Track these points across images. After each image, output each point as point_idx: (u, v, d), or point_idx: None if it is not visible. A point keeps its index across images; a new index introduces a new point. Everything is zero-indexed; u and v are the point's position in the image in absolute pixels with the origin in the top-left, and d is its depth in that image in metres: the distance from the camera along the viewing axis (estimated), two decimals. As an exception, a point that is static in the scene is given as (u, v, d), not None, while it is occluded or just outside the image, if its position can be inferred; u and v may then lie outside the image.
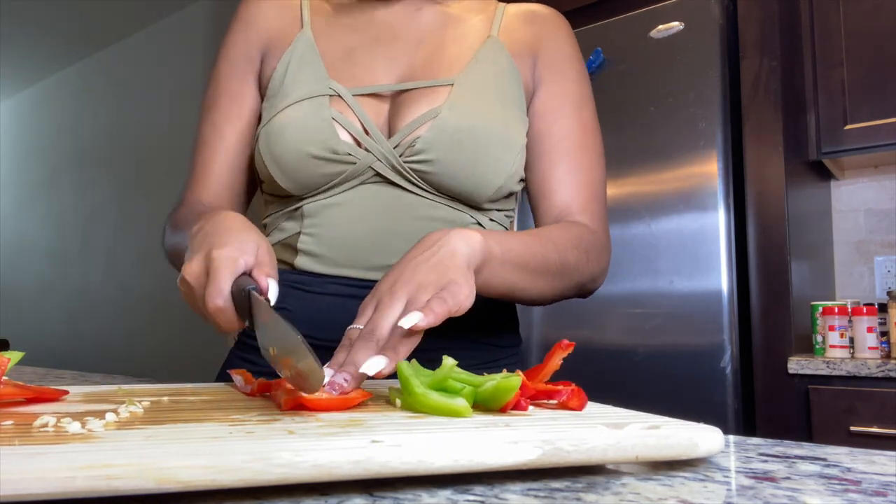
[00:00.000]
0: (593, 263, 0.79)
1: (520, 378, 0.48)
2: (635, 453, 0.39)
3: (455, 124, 0.76)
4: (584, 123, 0.85)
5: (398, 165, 0.77)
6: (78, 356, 4.75)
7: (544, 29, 0.86)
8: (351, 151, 0.76)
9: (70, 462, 0.30)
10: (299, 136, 0.76)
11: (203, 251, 0.57)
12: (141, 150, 4.48)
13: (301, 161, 0.76)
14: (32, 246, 5.53)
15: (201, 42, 4.10)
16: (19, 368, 1.21)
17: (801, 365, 1.60)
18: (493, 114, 0.78)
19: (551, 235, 0.75)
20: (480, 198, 0.78)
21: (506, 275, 0.67)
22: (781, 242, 1.68)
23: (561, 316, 1.94)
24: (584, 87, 0.86)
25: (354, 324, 0.57)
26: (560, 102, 0.84)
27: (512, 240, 0.69)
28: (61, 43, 4.89)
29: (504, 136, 0.78)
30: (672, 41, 1.83)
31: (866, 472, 0.41)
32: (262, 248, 0.58)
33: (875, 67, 1.76)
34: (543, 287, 0.73)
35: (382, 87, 0.79)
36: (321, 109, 0.77)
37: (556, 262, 0.73)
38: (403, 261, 0.60)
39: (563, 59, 0.86)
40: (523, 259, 0.69)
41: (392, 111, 0.79)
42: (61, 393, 0.53)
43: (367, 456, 0.34)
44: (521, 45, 0.85)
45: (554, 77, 0.85)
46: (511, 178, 0.79)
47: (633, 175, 1.86)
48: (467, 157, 0.76)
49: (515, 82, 0.83)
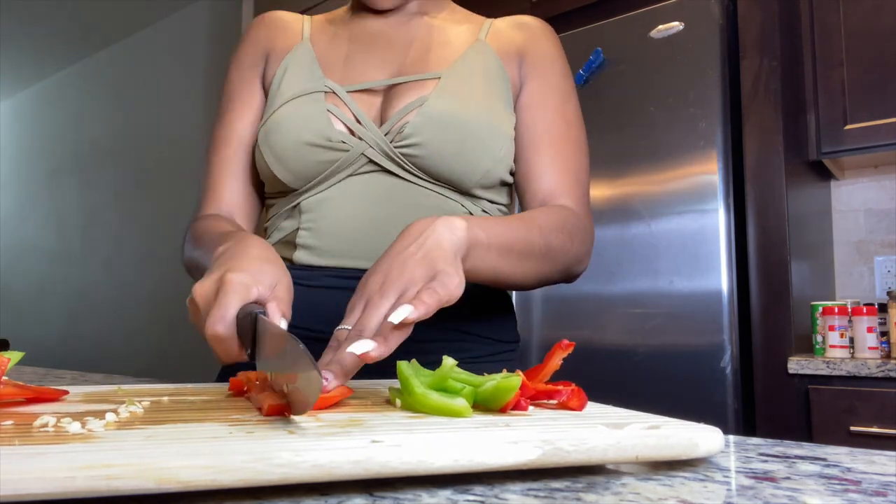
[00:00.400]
0: (577, 245, 0.80)
1: (520, 378, 0.48)
2: (635, 453, 0.39)
3: (441, 109, 0.79)
4: (567, 116, 0.88)
5: (389, 151, 0.80)
6: (78, 356, 4.75)
7: (530, 33, 0.91)
8: (344, 139, 0.80)
9: (70, 462, 0.30)
10: (296, 125, 0.80)
11: (219, 273, 0.55)
12: (141, 150, 4.48)
13: (297, 149, 0.79)
14: (32, 246, 5.53)
15: (201, 42, 4.10)
16: (19, 368, 1.22)
17: (801, 365, 1.60)
18: (478, 102, 0.82)
19: (536, 219, 0.76)
20: (469, 181, 0.81)
21: (492, 259, 0.67)
22: (781, 242, 1.68)
23: (561, 316, 1.94)
24: (567, 84, 0.90)
25: (343, 324, 0.56)
26: (544, 97, 0.87)
27: (496, 224, 0.69)
28: (61, 43, 4.89)
29: (490, 122, 0.81)
30: (672, 41, 1.83)
31: (866, 472, 0.41)
32: (281, 284, 0.57)
33: (875, 67, 1.76)
34: (529, 270, 0.74)
35: (374, 83, 0.84)
36: (317, 102, 0.81)
37: (540, 245, 0.74)
38: (390, 254, 0.59)
39: (547, 58, 0.89)
40: (508, 243, 0.69)
41: (384, 104, 0.83)
42: (61, 393, 0.53)
43: (367, 456, 0.34)
44: (509, 48, 0.89)
45: (538, 74, 0.88)
46: (499, 162, 0.82)
47: (633, 175, 1.86)
48: (454, 140, 0.79)
49: (502, 79, 0.86)
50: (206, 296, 0.55)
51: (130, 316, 4.38)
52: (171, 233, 4.12)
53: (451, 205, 0.82)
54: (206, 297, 0.54)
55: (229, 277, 0.54)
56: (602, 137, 1.90)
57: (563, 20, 2.14)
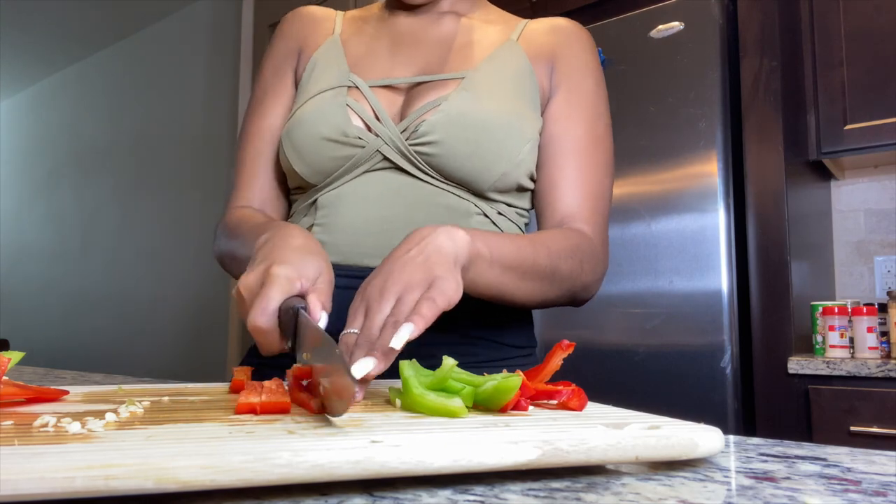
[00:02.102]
0: (587, 273, 0.78)
1: (520, 378, 0.48)
2: (635, 453, 0.39)
3: (460, 109, 0.78)
4: (597, 135, 0.85)
5: (404, 149, 0.79)
6: (78, 356, 4.75)
7: (564, 38, 0.87)
8: (361, 135, 0.79)
9: (69, 462, 0.30)
10: (315, 120, 0.80)
11: (264, 265, 0.57)
12: (141, 150, 4.48)
13: (315, 144, 0.79)
14: (32, 246, 5.53)
15: (201, 42, 4.10)
16: (19, 368, 1.21)
17: (801, 365, 1.60)
18: (502, 103, 0.80)
19: (546, 241, 0.74)
20: (484, 183, 0.79)
21: (493, 275, 0.67)
22: (781, 242, 1.68)
23: (561, 316, 1.94)
24: (600, 99, 0.87)
25: (347, 328, 0.57)
26: (575, 110, 0.84)
27: (502, 241, 0.68)
28: (61, 43, 4.89)
29: (511, 124, 0.79)
30: (672, 41, 1.83)
31: (866, 472, 0.41)
32: (323, 276, 0.58)
33: (875, 67, 1.76)
34: (531, 291, 0.73)
35: (398, 80, 0.83)
36: (338, 98, 0.81)
37: (546, 267, 0.73)
38: (390, 259, 0.59)
39: (581, 67, 0.86)
40: (512, 261, 0.68)
41: (405, 102, 0.82)
42: (61, 393, 0.52)
43: (366, 456, 0.34)
44: (540, 52, 0.86)
45: (571, 85, 0.85)
46: (517, 167, 0.80)
47: (633, 175, 1.86)
48: (470, 140, 0.77)
49: (531, 82, 0.84)
50: (252, 288, 0.56)
51: (130, 316, 4.38)
52: (171, 232, 4.12)
53: (464, 205, 0.80)
54: (252, 288, 0.56)
55: (274, 270, 0.55)
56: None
57: (563, 20, 2.14)
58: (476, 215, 0.81)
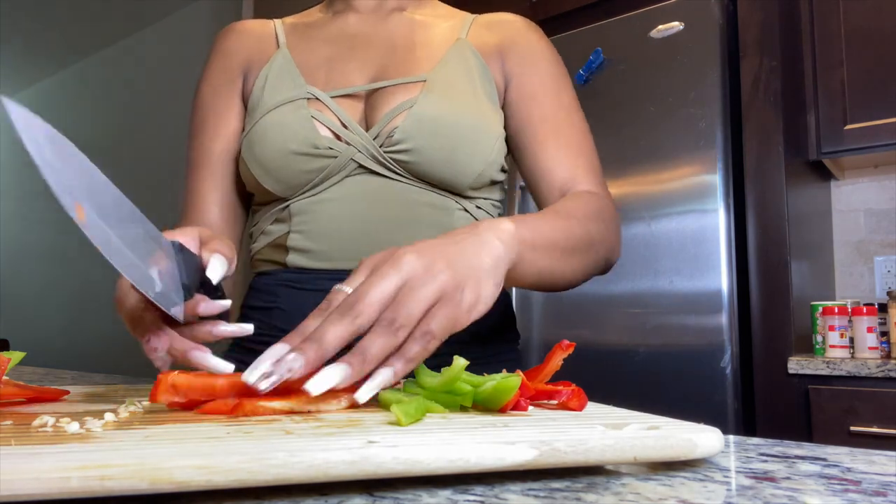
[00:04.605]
0: (613, 233, 0.77)
1: (520, 378, 0.48)
2: (633, 454, 0.39)
3: (431, 113, 0.77)
4: (563, 103, 0.84)
5: (379, 156, 0.78)
6: (78, 356, 4.75)
7: (510, 30, 0.87)
8: (331, 145, 0.77)
9: (65, 462, 0.29)
10: (280, 135, 0.77)
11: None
12: (141, 151, 4.48)
13: (284, 159, 0.77)
14: (33, 246, 5.53)
15: (202, 42, 4.10)
16: (19, 368, 1.21)
17: (801, 365, 1.60)
18: (466, 104, 0.79)
19: (570, 209, 0.72)
20: (461, 185, 0.79)
21: (538, 260, 0.62)
22: (781, 242, 1.68)
23: (561, 316, 1.94)
24: (557, 72, 0.86)
25: (343, 284, 0.51)
26: (535, 88, 0.84)
27: (538, 221, 0.64)
28: (61, 43, 4.89)
29: (479, 124, 0.79)
30: (672, 41, 1.83)
31: (866, 472, 0.41)
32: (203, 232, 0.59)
33: (875, 68, 1.76)
34: (576, 266, 0.70)
35: (358, 88, 0.81)
36: (300, 110, 0.79)
37: (582, 236, 0.70)
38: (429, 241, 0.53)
39: (531, 51, 0.86)
40: (553, 239, 0.65)
41: (368, 108, 0.81)
42: (61, 393, 0.52)
43: (362, 456, 0.34)
44: (489, 47, 0.86)
45: (524, 68, 0.85)
46: (490, 165, 0.80)
47: (633, 175, 1.86)
48: (445, 145, 0.77)
49: (486, 78, 0.84)
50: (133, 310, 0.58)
51: (130, 316, 4.37)
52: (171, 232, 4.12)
53: (446, 202, 0.80)
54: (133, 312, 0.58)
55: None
56: (602, 137, 1.89)
57: (563, 20, 2.14)
58: (457, 210, 0.81)
